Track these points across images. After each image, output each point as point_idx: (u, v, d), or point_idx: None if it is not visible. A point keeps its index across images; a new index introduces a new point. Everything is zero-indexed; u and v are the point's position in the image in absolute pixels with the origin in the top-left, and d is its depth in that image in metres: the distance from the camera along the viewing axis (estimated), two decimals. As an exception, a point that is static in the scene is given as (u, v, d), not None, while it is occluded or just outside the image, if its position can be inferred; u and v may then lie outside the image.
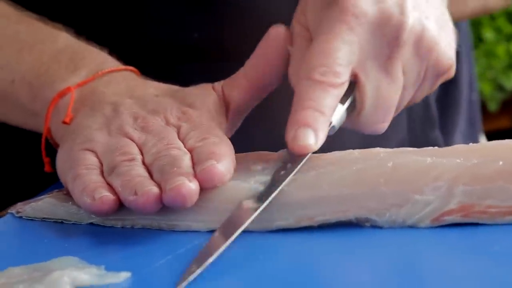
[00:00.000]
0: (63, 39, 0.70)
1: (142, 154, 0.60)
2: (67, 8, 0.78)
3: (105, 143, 0.61)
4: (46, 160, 0.68)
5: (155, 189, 0.55)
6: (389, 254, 0.52)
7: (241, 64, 0.67)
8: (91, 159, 0.60)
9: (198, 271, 0.49)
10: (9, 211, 0.62)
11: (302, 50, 0.64)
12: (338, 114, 0.61)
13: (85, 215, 0.59)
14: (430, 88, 0.67)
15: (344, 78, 0.61)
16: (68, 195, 0.61)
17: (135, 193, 0.55)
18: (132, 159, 0.59)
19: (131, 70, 0.69)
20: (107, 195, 0.56)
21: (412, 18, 0.63)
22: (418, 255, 0.52)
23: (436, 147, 0.59)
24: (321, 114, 0.59)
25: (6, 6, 0.74)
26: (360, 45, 0.62)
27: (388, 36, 0.62)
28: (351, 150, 0.60)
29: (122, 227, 0.58)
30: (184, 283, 0.48)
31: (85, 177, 0.58)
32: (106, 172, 0.59)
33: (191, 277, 0.49)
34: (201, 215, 0.57)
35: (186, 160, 0.57)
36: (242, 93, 0.65)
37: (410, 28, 0.62)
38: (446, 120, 0.91)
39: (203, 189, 0.56)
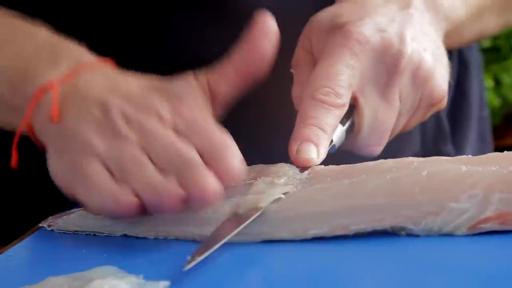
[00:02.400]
0: (42, 35, 0.70)
1: (147, 154, 0.60)
2: (83, 22, 0.78)
3: (106, 148, 0.60)
4: (15, 154, 0.66)
5: (179, 191, 0.56)
6: (425, 262, 0.52)
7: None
8: (98, 167, 0.60)
9: (206, 254, 0.51)
10: (40, 225, 0.62)
11: (305, 73, 0.67)
12: (338, 133, 0.65)
13: (119, 227, 0.59)
14: (422, 116, 0.70)
15: (345, 100, 0.65)
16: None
17: (158, 195, 0.56)
18: (140, 161, 0.59)
19: (109, 64, 0.68)
20: (132, 200, 0.57)
21: (410, 49, 0.66)
22: (456, 263, 0.52)
23: (470, 156, 0.59)
24: (322, 132, 0.63)
25: None
26: (361, 70, 0.65)
27: (387, 64, 0.66)
28: (384, 160, 0.60)
29: (155, 238, 0.58)
30: (192, 264, 0.50)
31: (101, 186, 0.58)
32: (119, 177, 0.59)
33: (200, 259, 0.51)
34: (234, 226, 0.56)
35: (196, 157, 0.58)
36: (230, 86, 0.65)
37: (408, 58, 0.66)
38: (458, 135, 0.92)
39: None
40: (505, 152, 0.59)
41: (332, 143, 0.64)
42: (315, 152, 0.62)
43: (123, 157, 0.59)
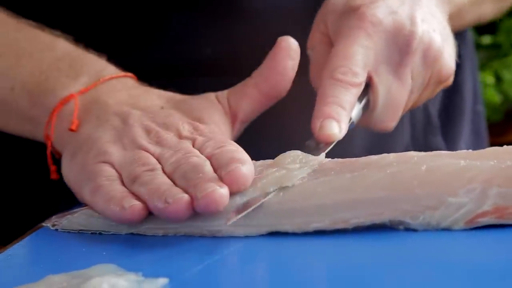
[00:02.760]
0: (61, 46, 0.71)
1: (160, 164, 0.60)
2: (82, 23, 0.78)
3: (121, 155, 0.61)
4: (53, 168, 0.68)
5: (186, 196, 0.56)
6: (423, 256, 0.52)
7: None
8: (110, 170, 0.61)
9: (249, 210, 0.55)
10: (43, 224, 0.62)
11: (323, 55, 0.70)
12: (356, 111, 0.68)
13: (124, 225, 0.59)
14: (431, 93, 0.74)
15: (361, 78, 0.67)
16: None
17: (166, 201, 0.56)
18: (153, 169, 0.60)
19: (130, 77, 0.70)
20: (137, 204, 0.57)
21: (421, 30, 0.69)
22: (453, 258, 0.52)
23: (469, 150, 0.59)
24: (342, 109, 0.66)
25: (4, 15, 0.75)
26: (375, 51, 0.68)
27: (400, 44, 0.69)
28: (385, 154, 0.61)
29: (163, 235, 0.58)
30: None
31: (109, 187, 0.59)
32: (128, 183, 0.59)
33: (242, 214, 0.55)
34: (241, 219, 0.57)
35: (207, 166, 0.58)
36: (251, 103, 0.68)
37: (419, 38, 0.69)
38: (450, 129, 0.94)
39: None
40: (504, 146, 0.59)
41: (351, 120, 0.67)
42: (337, 128, 0.65)
43: (136, 165, 0.60)
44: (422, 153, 0.60)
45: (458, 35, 0.91)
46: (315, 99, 0.67)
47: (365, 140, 0.84)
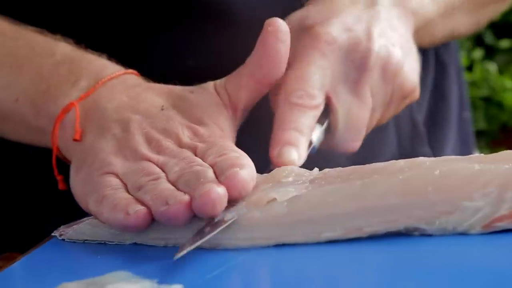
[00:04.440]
0: (61, 51, 0.70)
1: (164, 172, 0.60)
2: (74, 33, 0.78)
3: (125, 166, 0.61)
4: (59, 178, 0.68)
5: (186, 197, 0.55)
6: (440, 262, 0.51)
7: None
8: (114, 180, 0.60)
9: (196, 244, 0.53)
10: (52, 234, 0.62)
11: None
12: (317, 134, 0.67)
13: (128, 235, 0.58)
14: (396, 109, 0.72)
15: (319, 100, 0.66)
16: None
17: (167, 203, 0.55)
18: (158, 178, 0.59)
19: (130, 73, 0.69)
20: (141, 209, 0.56)
21: (378, 45, 0.68)
22: (471, 262, 0.51)
23: (482, 154, 0.59)
24: (300, 134, 0.65)
25: (2, 22, 0.74)
26: (332, 70, 0.67)
27: (356, 62, 0.68)
28: (395, 160, 0.60)
29: (165, 246, 0.57)
30: (181, 253, 0.52)
31: (114, 196, 0.58)
32: (133, 191, 0.59)
33: (189, 248, 0.52)
34: (244, 233, 0.56)
35: (210, 173, 0.57)
36: (249, 92, 0.66)
37: (376, 54, 0.68)
38: (435, 137, 0.93)
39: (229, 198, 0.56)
40: (518, 150, 0.59)
41: (312, 144, 0.66)
42: (296, 154, 0.64)
43: (140, 175, 0.59)
44: (433, 158, 0.59)
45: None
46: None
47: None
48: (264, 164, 0.64)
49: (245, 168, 0.57)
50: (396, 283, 0.49)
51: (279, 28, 0.64)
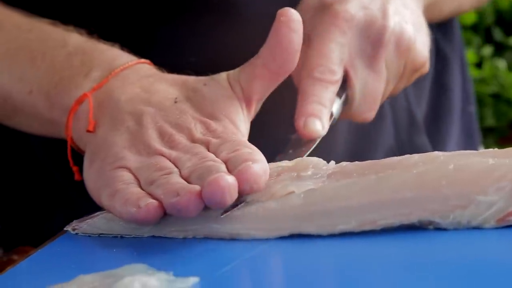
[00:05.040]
0: (73, 41, 0.71)
1: (177, 168, 0.60)
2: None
3: (137, 161, 0.61)
4: (75, 169, 0.68)
5: (196, 187, 0.56)
6: (455, 255, 0.52)
7: None
8: (127, 175, 0.60)
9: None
10: (65, 229, 0.62)
11: (301, 53, 0.68)
12: (336, 106, 0.71)
13: (146, 229, 0.58)
14: (408, 81, 0.76)
15: (339, 75, 0.70)
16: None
17: (177, 195, 0.55)
18: (170, 173, 0.59)
19: (143, 63, 0.69)
20: (152, 202, 0.56)
21: (392, 22, 0.72)
22: (486, 256, 0.51)
23: (496, 149, 0.59)
24: (323, 106, 0.69)
25: (15, 15, 0.74)
26: (350, 46, 0.71)
27: (372, 38, 0.71)
28: (410, 155, 0.60)
29: (184, 238, 0.57)
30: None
31: (126, 190, 0.58)
32: (145, 186, 0.59)
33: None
34: (261, 223, 0.57)
35: (222, 168, 0.58)
36: (263, 83, 0.66)
37: (391, 31, 0.71)
38: (437, 130, 0.95)
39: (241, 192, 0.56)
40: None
41: (333, 116, 0.70)
42: (320, 125, 0.68)
43: (153, 169, 0.59)
44: (448, 153, 0.59)
45: (446, 36, 0.93)
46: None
47: (348, 140, 0.85)
48: (269, 157, 0.64)
49: (257, 162, 0.58)
50: (409, 276, 0.49)
51: (292, 18, 0.64)
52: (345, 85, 0.72)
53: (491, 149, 0.59)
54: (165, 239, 0.58)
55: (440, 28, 0.95)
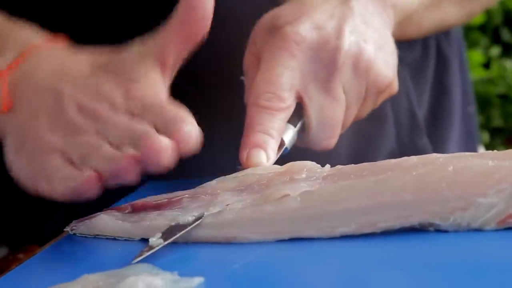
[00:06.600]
0: None
1: (103, 139, 0.61)
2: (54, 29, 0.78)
3: (64, 141, 0.61)
4: None
5: (131, 151, 0.58)
6: (455, 258, 0.52)
7: (214, 89, 0.70)
8: (57, 159, 0.61)
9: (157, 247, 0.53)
10: (64, 230, 0.62)
11: (253, 78, 0.68)
12: (290, 135, 0.67)
13: (137, 231, 0.59)
14: (374, 104, 0.72)
15: (288, 102, 0.66)
16: (120, 211, 0.62)
17: (114, 163, 0.57)
18: (100, 146, 0.60)
19: (57, 41, 0.68)
20: (91, 173, 0.58)
21: (348, 42, 0.68)
22: (486, 258, 0.52)
23: (495, 151, 0.59)
24: (269, 136, 0.65)
25: None
26: (302, 70, 0.67)
27: (325, 60, 0.67)
28: (408, 157, 0.60)
29: (177, 242, 0.57)
30: (139, 258, 0.52)
31: (63, 171, 0.59)
32: (79, 163, 0.60)
33: (148, 253, 0.52)
34: (258, 226, 0.57)
35: (152, 131, 0.59)
36: (176, 48, 0.65)
37: (346, 52, 0.67)
38: (438, 131, 0.94)
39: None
40: (531, 147, 0.59)
41: (284, 146, 0.67)
42: (264, 157, 0.64)
43: (80, 145, 0.60)
44: (446, 155, 0.60)
45: (445, 37, 0.91)
46: None
47: (350, 143, 0.83)
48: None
49: (191, 127, 0.58)
50: (410, 278, 0.49)
51: None
52: (300, 111, 0.68)
53: (490, 151, 0.59)
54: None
55: None
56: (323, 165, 0.62)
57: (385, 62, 0.70)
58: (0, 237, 0.85)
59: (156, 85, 0.63)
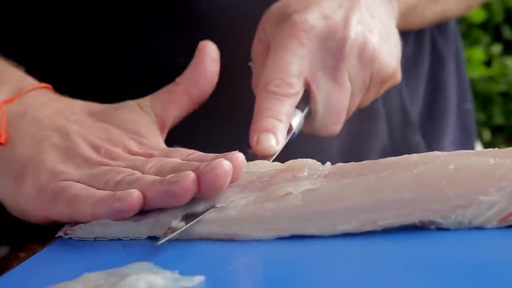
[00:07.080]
0: None
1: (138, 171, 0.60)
2: (54, 36, 0.78)
3: (81, 173, 0.61)
4: None
5: (191, 173, 0.56)
6: (457, 255, 0.52)
7: (224, 87, 0.70)
8: (77, 183, 0.60)
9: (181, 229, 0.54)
10: (57, 235, 0.61)
11: (262, 65, 0.70)
12: (297, 120, 0.69)
13: (144, 230, 0.58)
14: (377, 93, 0.74)
15: (297, 88, 0.68)
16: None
17: (168, 182, 0.55)
18: (133, 173, 0.59)
19: (48, 88, 0.69)
20: (135, 191, 0.56)
21: (354, 32, 0.69)
22: (488, 256, 0.52)
23: (496, 149, 0.59)
24: (278, 121, 0.66)
25: None
26: (310, 58, 0.68)
27: (333, 49, 0.69)
28: (409, 155, 0.60)
29: (177, 240, 0.57)
30: (164, 239, 0.53)
31: (90, 192, 0.58)
32: (110, 188, 0.59)
33: (172, 235, 0.53)
34: (260, 223, 0.57)
35: (189, 165, 0.58)
36: (179, 109, 0.68)
37: (352, 41, 0.69)
38: (432, 128, 0.94)
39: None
40: (533, 144, 0.59)
41: (292, 130, 0.68)
42: (274, 141, 0.65)
43: (110, 174, 0.59)
44: (447, 153, 0.60)
45: (441, 33, 0.92)
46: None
47: (342, 139, 0.84)
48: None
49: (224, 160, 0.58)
50: (411, 276, 0.49)
51: (213, 49, 0.68)
52: (307, 98, 0.70)
53: (491, 149, 0.59)
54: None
55: (436, 26, 0.94)
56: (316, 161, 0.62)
57: (389, 53, 0.72)
58: (1, 236, 0.85)
59: (159, 142, 0.66)
